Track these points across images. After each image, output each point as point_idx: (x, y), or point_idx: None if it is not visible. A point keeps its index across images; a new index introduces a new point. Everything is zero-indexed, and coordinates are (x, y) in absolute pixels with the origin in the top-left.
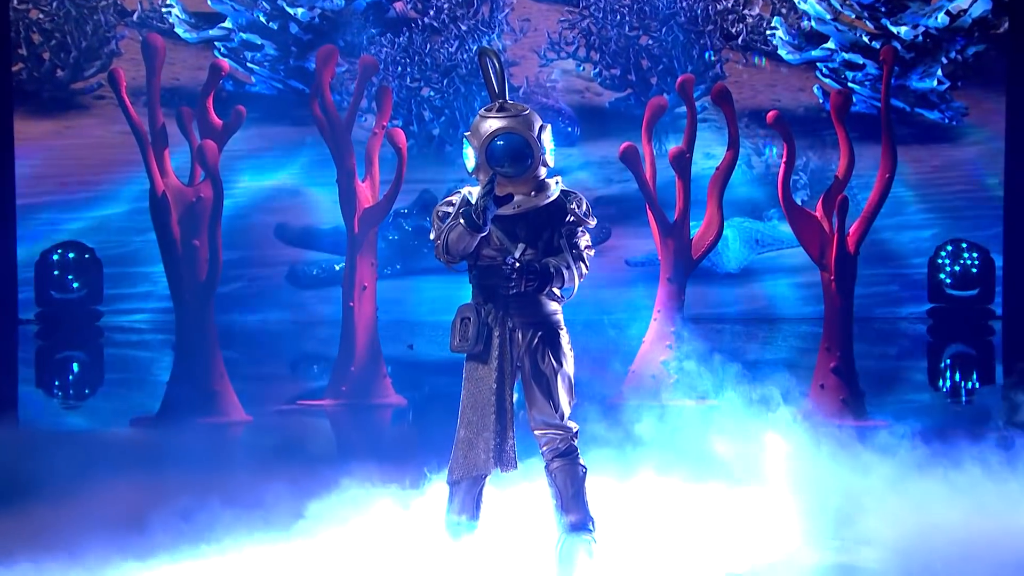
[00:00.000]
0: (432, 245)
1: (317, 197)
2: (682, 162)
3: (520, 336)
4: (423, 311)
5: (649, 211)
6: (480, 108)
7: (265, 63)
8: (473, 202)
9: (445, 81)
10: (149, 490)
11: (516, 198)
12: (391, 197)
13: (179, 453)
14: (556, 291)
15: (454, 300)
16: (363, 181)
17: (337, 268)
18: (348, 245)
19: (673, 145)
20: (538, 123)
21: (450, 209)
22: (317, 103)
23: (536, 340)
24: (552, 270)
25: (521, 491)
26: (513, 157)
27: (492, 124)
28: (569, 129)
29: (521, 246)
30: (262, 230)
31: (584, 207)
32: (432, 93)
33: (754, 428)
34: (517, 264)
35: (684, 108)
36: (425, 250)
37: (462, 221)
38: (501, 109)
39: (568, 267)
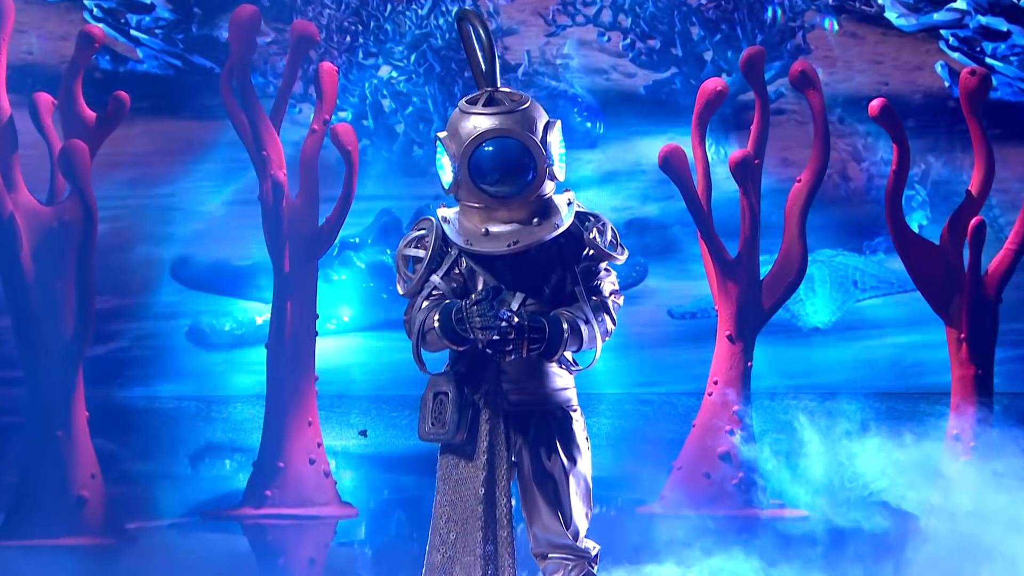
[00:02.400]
0: (395, 293)
1: (231, 221)
2: (749, 172)
3: (518, 421)
4: (382, 382)
5: (701, 241)
6: (461, 98)
7: (157, 30)
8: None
9: (413, 57)
10: None
11: (511, 228)
12: (337, 220)
13: None
14: (569, 357)
15: (427, 363)
16: (297, 198)
17: (260, 321)
18: (275, 289)
19: (736, 148)
20: (543, 119)
21: (419, 252)
22: (231, 88)
23: (540, 427)
24: (565, 327)
25: None
26: (507, 169)
27: (478, 122)
28: (588, 125)
29: (519, 295)
30: (153, 267)
31: (609, 235)
32: (395, 74)
33: (860, 548)
34: (515, 320)
35: (751, 95)
36: (384, 295)
37: (437, 325)
38: (490, 100)
39: (587, 322)
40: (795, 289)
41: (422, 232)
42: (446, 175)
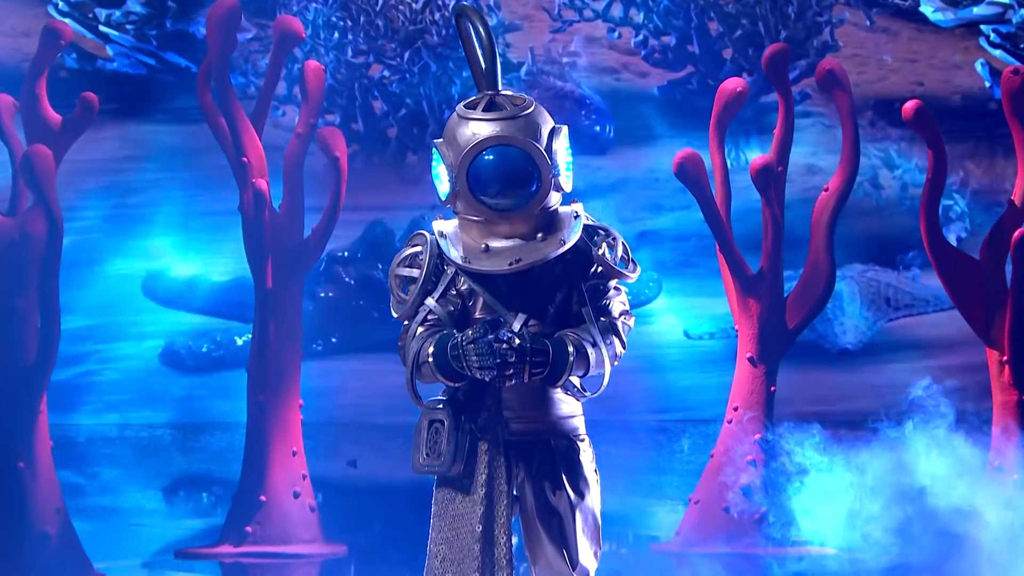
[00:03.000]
0: (387, 311)
1: (209, 233)
2: (772, 179)
3: (520, 451)
4: (372, 408)
5: (720, 255)
6: (459, 102)
7: (128, 26)
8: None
9: (407, 55)
10: None
11: (513, 244)
12: (324, 233)
13: None
14: (576, 382)
15: (421, 393)
16: (280, 208)
17: (240, 342)
18: (257, 307)
19: (758, 153)
20: (548, 124)
21: (413, 272)
22: (209, 89)
23: (544, 458)
24: (570, 350)
25: None
26: (508, 180)
27: (477, 129)
28: (597, 129)
29: (521, 316)
30: (124, 284)
31: (620, 251)
32: (387, 73)
33: None
34: (516, 342)
35: (774, 96)
36: (376, 314)
37: (431, 360)
38: (491, 104)
39: (594, 344)
40: (822, 307)
41: (416, 249)
42: (443, 185)
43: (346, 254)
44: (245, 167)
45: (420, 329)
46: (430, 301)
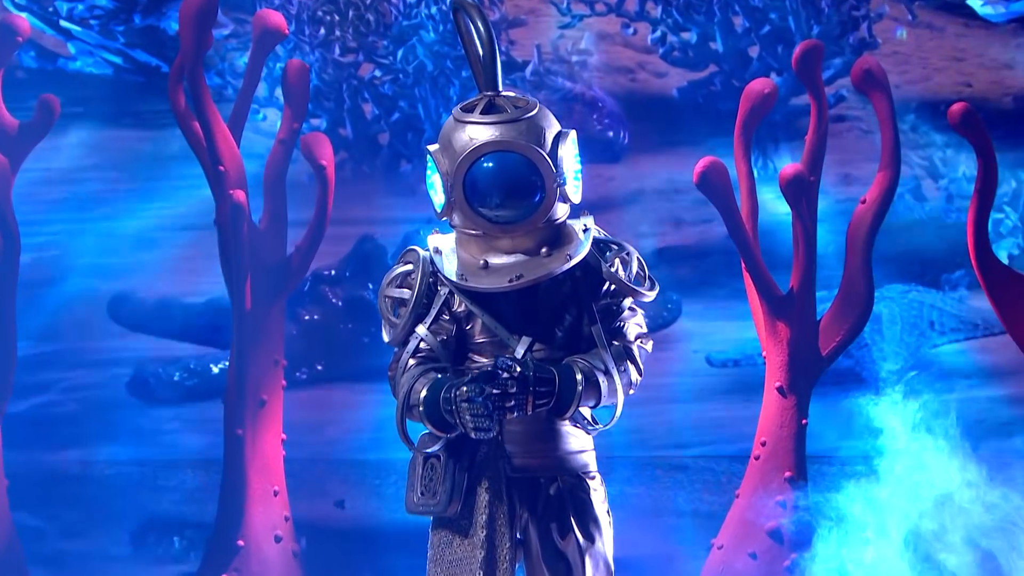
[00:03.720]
0: (378, 336)
1: (182, 250)
2: (803, 190)
3: (524, 490)
4: (362, 443)
5: (746, 273)
6: (457, 104)
7: (92, 21)
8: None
9: (400, 53)
10: None
11: (515, 260)
12: (308, 249)
13: None
14: (587, 414)
15: (417, 425)
16: (260, 222)
17: (216, 370)
18: (235, 331)
19: (788, 162)
20: (554, 128)
21: (404, 293)
22: (182, 90)
23: (551, 498)
24: (578, 379)
25: None
26: (509, 190)
27: (474, 133)
28: (610, 134)
29: (525, 339)
30: (88, 305)
31: (635, 267)
32: (378, 73)
33: None
34: (517, 370)
35: (805, 99)
36: (366, 339)
37: (422, 408)
38: (490, 107)
39: (606, 372)
40: (859, 332)
41: (407, 267)
42: (438, 196)
43: (333, 273)
44: (222, 176)
45: (411, 361)
46: (421, 329)
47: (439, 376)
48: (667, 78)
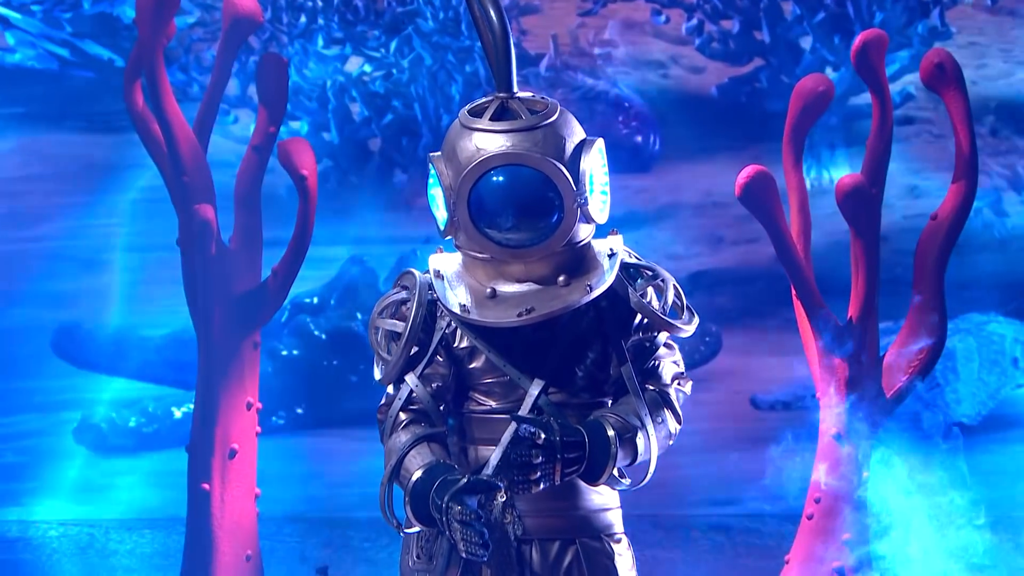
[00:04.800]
0: (368, 373)
1: (139, 274)
2: (863, 205)
3: (536, 555)
4: (348, 499)
5: (797, 301)
6: (462, 105)
7: (34, 7)
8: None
9: (393, 45)
10: None
11: (526, 289)
12: (287, 273)
13: None
14: (618, 475)
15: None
16: (231, 242)
17: (179, 414)
18: (201, 369)
19: (846, 171)
20: (576, 136)
21: (397, 326)
22: (139, 87)
23: (570, 563)
24: (611, 437)
25: None
26: (522, 209)
27: (483, 142)
28: (638, 140)
29: (539, 382)
30: (30, 339)
31: (670, 296)
32: (368, 68)
33: None
34: (541, 437)
35: (866, 97)
36: (354, 378)
37: (408, 501)
38: (502, 111)
39: (642, 426)
40: (929, 370)
41: (401, 295)
42: (440, 211)
43: (316, 300)
44: (185, 189)
45: (402, 416)
46: (411, 378)
47: (435, 461)
48: (705, 74)
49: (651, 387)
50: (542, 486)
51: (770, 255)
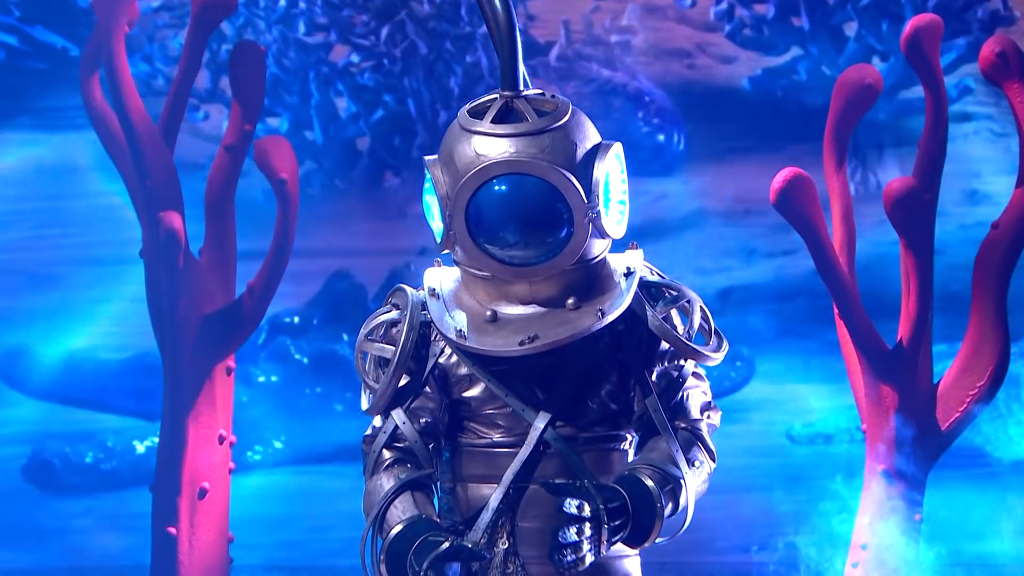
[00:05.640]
0: (355, 402)
1: (97, 290)
2: (915, 212)
3: None
4: (331, 545)
5: (839, 321)
6: (463, 101)
7: None
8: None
9: (384, 32)
10: None
11: (530, 312)
12: (265, 289)
13: None
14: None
15: None
16: (201, 255)
17: (142, 448)
18: (166, 398)
19: (896, 174)
20: (590, 140)
21: (386, 351)
22: (97, 79)
23: None
24: (656, 498)
25: None
26: (526, 224)
27: (483, 146)
28: (660, 139)
29: (544, 415)
30: None
31: (697, 319)
32: (356, 59)
33: None
34: (587, 509)
35: (918, 91)
36: (340, 407)
37: (383, 556)
38: (506, 112)
39: (679, 475)
40: (990, 399)
41: (391, 315)
42: (435, 222)
43: (297, 320)
44: (150, 193)
45: (386, 455)
46: (397, 415)
47: (417, 516)
48: (735, 64)
49: (682, 424)
50: (588, 562)
51: (809, 269)
